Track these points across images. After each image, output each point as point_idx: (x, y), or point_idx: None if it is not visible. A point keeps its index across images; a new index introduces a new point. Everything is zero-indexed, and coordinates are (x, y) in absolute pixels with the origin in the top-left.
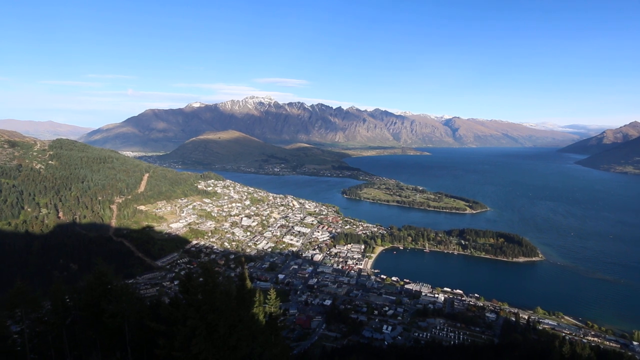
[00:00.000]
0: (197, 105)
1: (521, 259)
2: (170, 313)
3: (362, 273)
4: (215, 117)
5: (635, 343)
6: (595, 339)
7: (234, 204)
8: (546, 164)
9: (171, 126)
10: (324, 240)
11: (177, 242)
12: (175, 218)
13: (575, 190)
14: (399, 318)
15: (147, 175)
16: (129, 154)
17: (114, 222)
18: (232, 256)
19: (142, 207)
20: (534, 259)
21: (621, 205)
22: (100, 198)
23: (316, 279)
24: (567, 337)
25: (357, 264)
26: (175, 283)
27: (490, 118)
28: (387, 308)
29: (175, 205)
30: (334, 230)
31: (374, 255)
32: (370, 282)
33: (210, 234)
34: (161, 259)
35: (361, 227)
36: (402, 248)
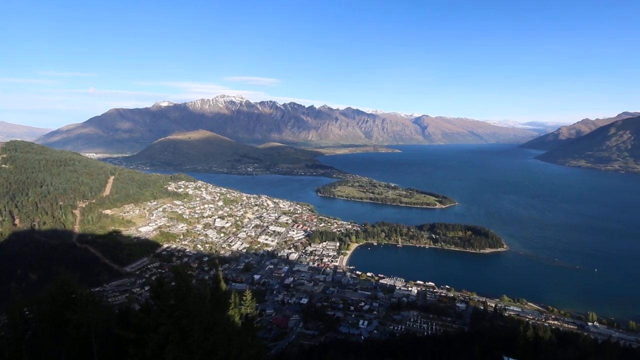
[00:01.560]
0: (165, 104)
1: (488, 250)
2: (140, 320)
3: (338, 270)
4: (185, 117)
5: (590, 324)
6: (556, 322)
7: (206, 205)
8: (509, 160)
9: (137, 126)
10: (299, 239)
11: (147, 247)
12: (144, 221)
13: (535, 184)
14: (375, 312)
15: (112, 177)
16: (93, 155)
17: (77, 228)
18: (206, 258)
19: (108, 211)
20: (499, 249)
21: (576, 197)
22: (61, 203)
23: (292, 278)
24: (530, 322)
25: (332, 261)
26: (146, 289)
27: (457, 116)
28: (362, 303)
29: (144, 208)
30: (309, 229)
31: (349, 252)
32: (345, 278)
33: (182, 237)
34: (130, 265)
35: (336, 225)
36: (376, 244)
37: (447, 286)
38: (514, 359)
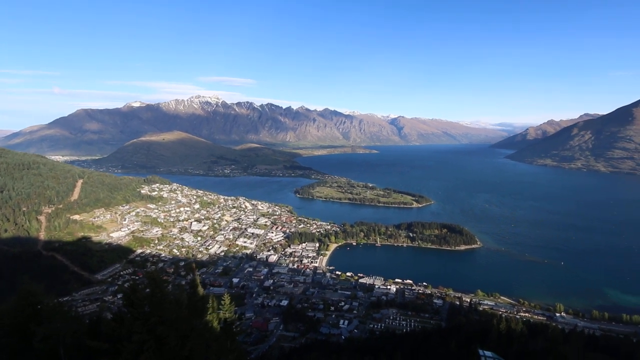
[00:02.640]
0: (137, 104)
1: (462, 247)
2: (113, 329)
3: (318, 271)
4: (158, 118)
5: (557, 314)
6: (526, 314)
7: (182, 209)
8: (481, 159)
9: (107, 127)
10: (278, 241)
11: (119, 253)
12: (116, 226)
13: (506, 182)
14: (355, 312)
15: (81, 181)
16: (59, 158)
17: (42, 235)
18: (182, 263)
19: (77, 217)
20: (473, 246)
21: (544, 195)
22: (24, 209)
23: (272, 280)
24: (503, 315)
25: (312, 262)
26: (119, 296)
27: (431, 117)
28: (343, 303)
29: (116, 213)
30: (288, 230)
31: (328, 253)
32: (325, 279)
33: (157, 241)
34: (101, 272)
35: (315, 226)
36: (355, 244)
37: (424, 283)
38: (489, 351)
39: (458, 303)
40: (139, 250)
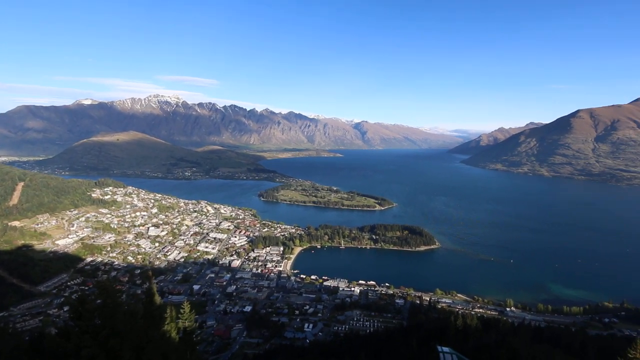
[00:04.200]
0: (87, 102)
1: (422, 248)
2: (58, 345)
3: (282, 275)
4: (112, 117)
5: (508, 309)
6: (481, 310)
7: (138, 213)
8: (439, 164)
9: (54, 126)
10: (241, 245)
11: (66, 261)
12: (62, 233)
13: (462, 186)
14: (319, 315)
15: (21, 184)
16: None
17: None
18: (138, 271)
19: (16, 223)
20: (432, 247)
21: (496, 197)
22: None
23: (235, 286)
24: (460, 312)
25: (276, 266)
26: (65, 309)
27: (393, 122)
28: (307, 307)
29: (63, 219)
30: (251, 234)
31: (293, 256)
32: (290, 283)
33: (109, 249)
34: (45, 283)
35: (279, 229)
36: (319, 247)
37: (387, 284)
38: (446, 347)
39: (418, 302)
40: (89, 259)
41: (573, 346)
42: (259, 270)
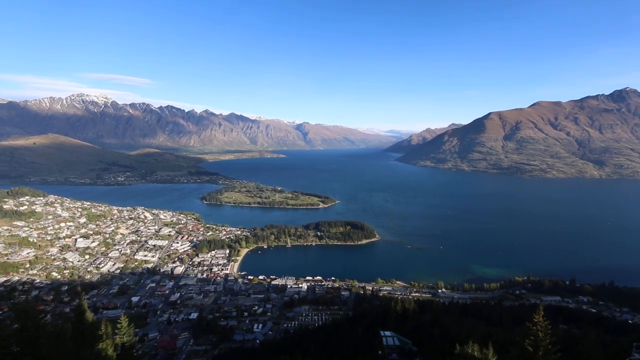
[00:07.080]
0: None
1: (364, 241)
2: None
3: (229, 278)
4: (25, 118)
5: (439, 291)
6: (417, 294)
7: (63, 224)
8: (376, 162)
9: None
10: (184, 251)
11: None
12: None
13: (398, 182)
14: (269, 314)
15: None
16: None
17: None
18: (65, 287)
19: None
20: (373, 240)
21: (426, 191)
22: None
23: (179, 294)
24: (399, 298)
25: (223, 269)
26: None
27: (333, 124)
28: (256, 307)
29: None
30: (195, 239)
31: (239, 258)
32: (237, 285)
33: (28, 265)
34: None
35: (224, 232)
36: (266, 247)
37: (332, 278)
38: (388, 331)
39: (362, 292)
40: (3, 279)
41: (493, 317)
42: (205, 275)
